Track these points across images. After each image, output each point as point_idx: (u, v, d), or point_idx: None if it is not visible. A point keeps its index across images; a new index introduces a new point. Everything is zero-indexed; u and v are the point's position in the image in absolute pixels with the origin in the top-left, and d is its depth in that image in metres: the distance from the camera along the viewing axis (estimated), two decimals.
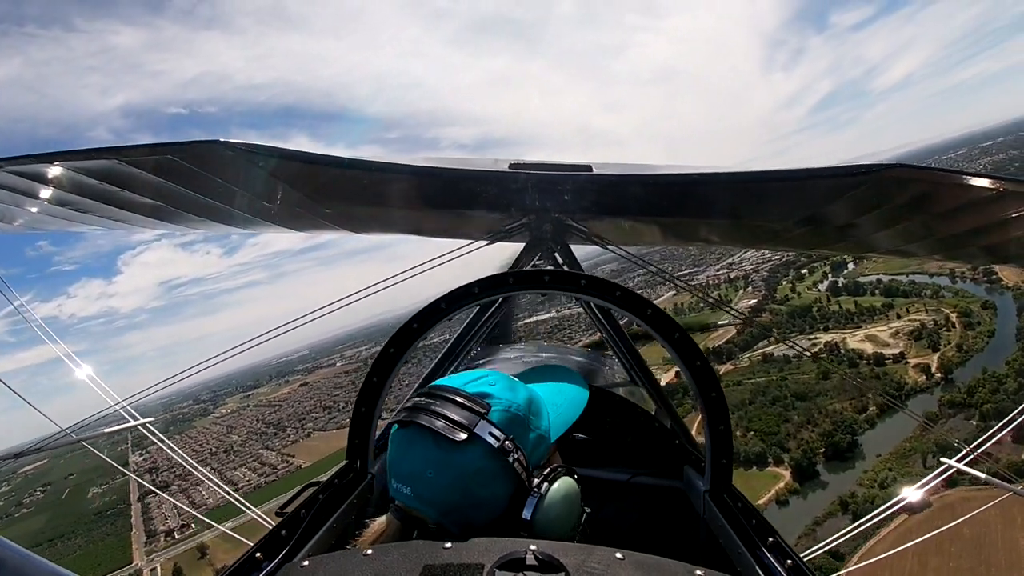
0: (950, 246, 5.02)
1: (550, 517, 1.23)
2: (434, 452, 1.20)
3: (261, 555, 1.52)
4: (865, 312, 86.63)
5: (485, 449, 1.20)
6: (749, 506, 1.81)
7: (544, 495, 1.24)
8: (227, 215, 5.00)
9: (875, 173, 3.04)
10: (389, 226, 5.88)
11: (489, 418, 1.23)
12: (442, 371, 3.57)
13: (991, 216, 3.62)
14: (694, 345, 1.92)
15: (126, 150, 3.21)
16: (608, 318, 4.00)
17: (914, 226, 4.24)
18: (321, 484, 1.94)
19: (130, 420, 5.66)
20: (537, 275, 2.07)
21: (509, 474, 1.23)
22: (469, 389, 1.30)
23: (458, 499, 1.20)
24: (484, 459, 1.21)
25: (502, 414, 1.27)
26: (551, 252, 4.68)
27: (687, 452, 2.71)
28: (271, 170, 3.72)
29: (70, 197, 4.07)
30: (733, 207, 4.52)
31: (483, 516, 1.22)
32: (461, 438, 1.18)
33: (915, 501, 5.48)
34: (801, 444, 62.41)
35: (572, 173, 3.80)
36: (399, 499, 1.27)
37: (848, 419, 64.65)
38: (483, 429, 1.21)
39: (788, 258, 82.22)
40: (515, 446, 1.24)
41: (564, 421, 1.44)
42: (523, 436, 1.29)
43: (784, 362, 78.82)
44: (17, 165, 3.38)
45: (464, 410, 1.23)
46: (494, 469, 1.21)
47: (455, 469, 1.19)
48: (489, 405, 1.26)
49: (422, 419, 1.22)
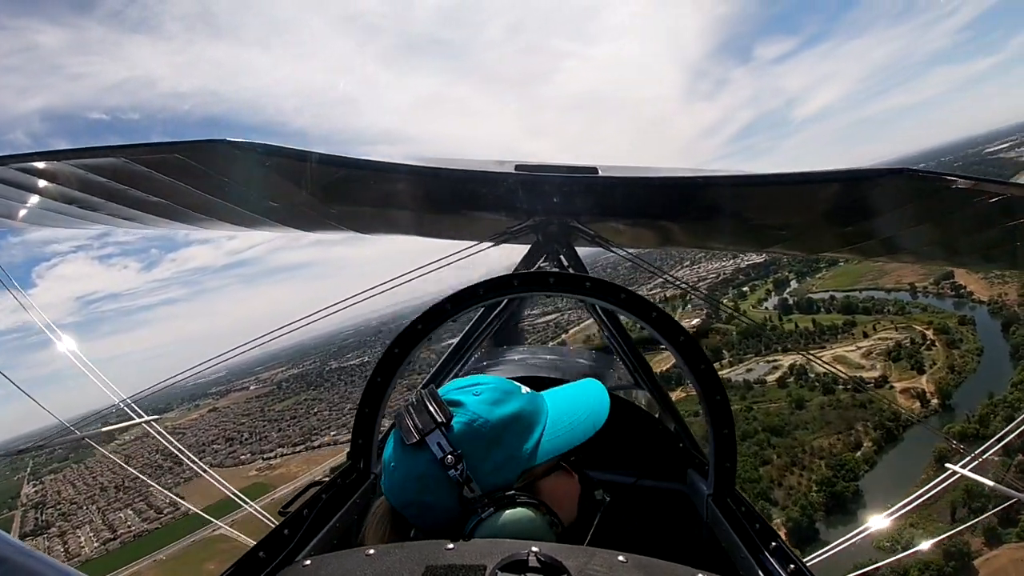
0: (954, 250, 5.00)
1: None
2: (397, 449, 1.27)
3: (263, 554, 1.52)
4: (826, 331, 79.63)
5: (430, 458, 1.21)
6: (752, 510, 1.81)
7: (485, 519, 1.20)
8: (234, 214, 5.02)
9: (881, 178, 3.03)
10: (394, 227, 5.88)
11: (445, 428, 1.22)
12: (447, 372, 3.57)
13: (995, 220, 3.61)
14: (699, 348, 1.91)
15: (133, 148, 3.23)
16: (613, 320, 3.99)
17: (919, 230, 4.22)
18: (324, 484, 1.94)
19: (135, 417, 5.70)
20: (542, 277, 2.07)
21: (452, 488, 1.21)
22: (450, 395, 1.31)
23: (410, 497, 1.25)
24: (428, 467, 1.21)
25: (463, 426, 1.24)
26: (556, 254, 4.68)
27: (691, 455, 2.70)
28: (277, 170, 3.73)
29: (76, 194, 4.09)
30: (738, 210, 4.51)
31: (433, 519, 1.24)
32: (412, 441, 1.22)
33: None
34: (792, 495, 53.06)
35: (577, 175, 3.79)
36: (379, 483, 1.36)
37: (843, 459, 54.79)
38: (433, 438, 1.22)
39: (726, 275, 76.93)
40: (457, 461, 1.21)
41: (562, 444, 1.37)
42: (482, 453, 1.25)
43: (745, 388, 70.67)
44: (23, 162, 3.40)
45: (426, 416, 1.24)
46: (438, 478, 1.21)
47: (405, 469, 1.24)
48: (452, 415, 1.25)
49: (400, 415, 1.29)
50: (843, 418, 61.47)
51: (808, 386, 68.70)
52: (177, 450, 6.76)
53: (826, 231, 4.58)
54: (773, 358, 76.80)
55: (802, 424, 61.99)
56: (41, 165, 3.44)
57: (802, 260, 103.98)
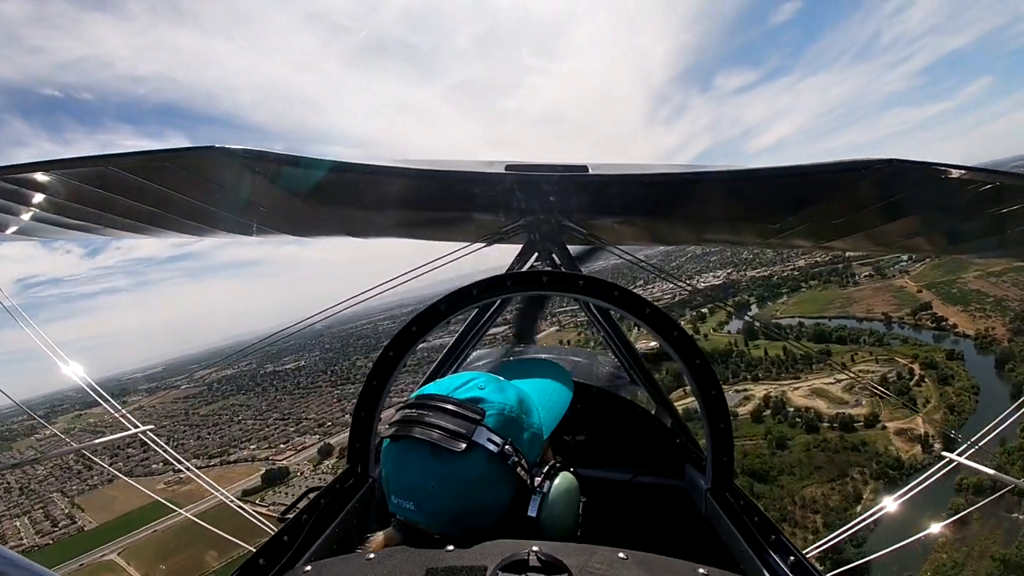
0: (945, 239, 5.04)
1: (554, 513, 1.24)
2: (434, 464, 1.19)
3: (263, 561, 1.52)
4: (799, 360, 71.77)
5: (485, 455, 1.20)
6: (751, 504, 1.81)
7: (547, 493, 1.25)
8: (227, 221, 5.00)
9: (874, 168, 3.05)
10: (386, 229, 5.87)
11: (485, 423, 1.23)
12: (441, 374, 3.57)
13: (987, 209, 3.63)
14: (693, 344, 1.92)
15: (122, 157, 3.21)
16: (607, 318, 4.00)
17: (910, 220, 4.25)
18: (323, 489, 1.94)
19: (131, 428, 5.66)
20: (535, 276, 2.07)
21: (511, 477, 1.23)
22: (459, 395, 1.28)
23: (463, 508, 1.19)
24: (485, 465, 1.20)
25: (497, 418, 1.26)
26: (549, 253, 4.68)
27: (688, 451, 2.71)
28: (268, 175, 3.72)
29: (65, 204, 4.06)
30: (731, 205, 4.53)
31: (488, 520, 1.22)
32: (460, 448, 1.17)
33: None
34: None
35: (568, 174, 3.80)
36: (400, 514, 1.24)
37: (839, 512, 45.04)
38: (481, 436, 1.20)
39: (683, 296, 73.43)
40: (515, 449, 1.24)
41: (554, 417, 1.44)
42: (519, 437, 1.28)
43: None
44: (10, 173, 3.37)
45: (459, 418, 1.21)
46: (496, 474, 1.21)
47: (457, 479, 1.18)
48: (483, 410, 1.24)
49: (415, 432, 1.20)
50: (834, 463, 53.98)
51: (788, 422, 61.30)
52: (174, 459, 6.71)
53: (819, 223, 4.60)
54: (743, 387, 71.36)
55: (787, 468, 53.69)
56: (29, 176, 3.41)
57: (762, 284, 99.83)
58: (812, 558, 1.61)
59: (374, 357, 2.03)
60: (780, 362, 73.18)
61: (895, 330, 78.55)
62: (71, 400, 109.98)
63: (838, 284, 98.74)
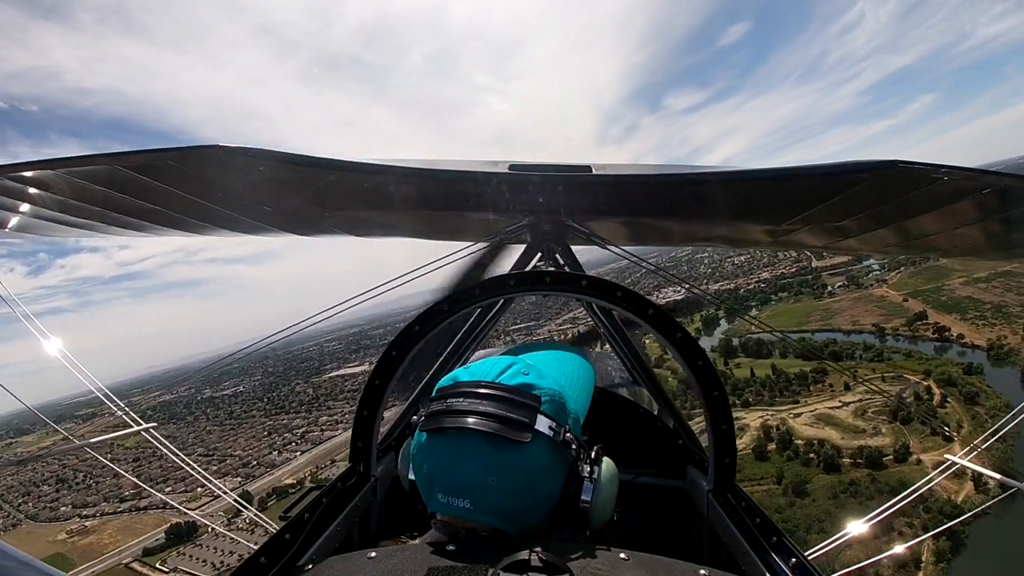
0: (953, 242, 5.02)
1: (603, 498, 1.22)
2: (494, 457, 1.10)
3: (265, 559, 1.52)
4: (793, 380, 63.16)
5: (548, 444, 1.14)
6: (753, 505, 1.81)
7: (598, 478, 1.21)
8: (229, 220, 5.01)
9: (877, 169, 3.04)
10: (389, 229, 5.87)
11: (543, 411, 1.16)
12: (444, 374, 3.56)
13: (990, 211, 3.62)
14: (696, 345, 1.92)
15: (124, 156, 3.22)
16: (609, 319, 4.00)
17: (912, 223, 4.24)
18: (325, 487, 1.94)
19: (134, 425, 5.68)
20: (538, 276, 2.08)
21: (566, 464, 1.19)
22: (506, 381, 1.20)
23: (525, 501, 1.13)
24: (548, 455, 1.14)
25: (551, 404, 1.19)
26: (552, 253, 4.68)
27: (690, 452, 2.71)
28: (270, 174, 3.72)
29: (70, 203, 4.08)
30: (734, 206, 4.52)
31: (543, 512, 1.18)
32: (527, 439, 1.10)
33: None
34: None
35: (572, 174, 3.80)
36: (453, 514, 1.14)
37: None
38: (542, 423, 1.14)
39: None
40: (573, 436, 1.19)
41: (585, 401, 1.40)
42: (568, 421, 1.23)
43: None
44: (14, 171, 3.39)
45: (517, 406, 1.13)
46: (555, 463, 1.17)
47: (521, 471, 1.11)
48: (539, 397, 1.17)
49: (468, 422, 1.12)
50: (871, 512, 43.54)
51: (800, 459, 49.89)
52: (181, 460, 6.72)
53: (823, 225, 4.59)
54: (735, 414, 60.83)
55: (814, 523, 41.10)
56: (32, 174, 3.43)
57: (730, 297, 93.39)
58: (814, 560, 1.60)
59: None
60: (771, 383, 63.16)
61: (890, 343, 71.72)
62: (7, 424, 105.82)
63: (811, 295, 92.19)
